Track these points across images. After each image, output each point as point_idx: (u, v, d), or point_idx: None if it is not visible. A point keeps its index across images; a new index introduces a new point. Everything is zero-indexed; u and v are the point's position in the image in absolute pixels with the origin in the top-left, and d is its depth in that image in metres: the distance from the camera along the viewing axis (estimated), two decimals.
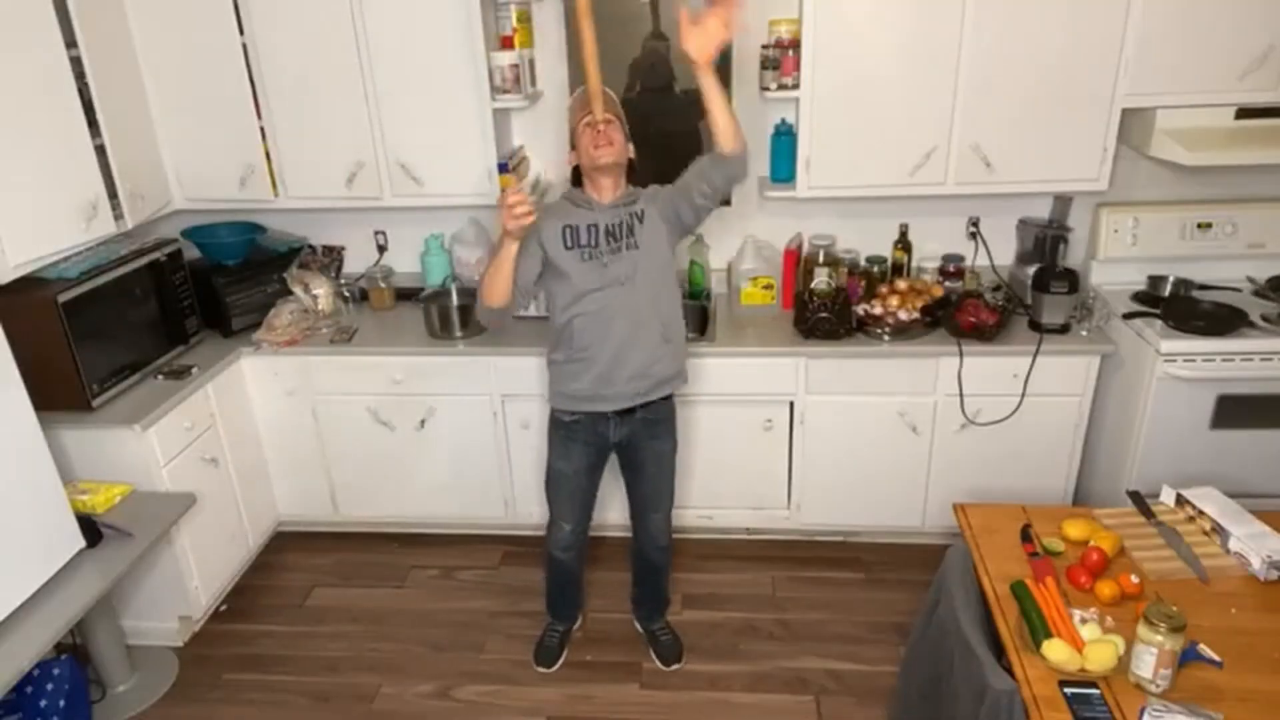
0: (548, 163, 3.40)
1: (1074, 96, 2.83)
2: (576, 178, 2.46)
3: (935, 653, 2.03)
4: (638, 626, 2.94)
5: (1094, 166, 2.92)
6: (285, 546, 3.49)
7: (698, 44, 2.12)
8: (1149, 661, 1.62)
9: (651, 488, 2.65)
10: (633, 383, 2.43)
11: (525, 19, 3.11)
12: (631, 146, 2.38)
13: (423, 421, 3.21)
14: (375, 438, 3.26)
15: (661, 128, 3.28)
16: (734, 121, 2.25)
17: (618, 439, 2.54)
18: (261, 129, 3.09)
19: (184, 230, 3.28)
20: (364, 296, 3.50)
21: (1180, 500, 2.18)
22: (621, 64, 3.20)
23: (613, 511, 3.16)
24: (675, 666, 2.80)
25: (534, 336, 3.08)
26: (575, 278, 2.35)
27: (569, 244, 2.35)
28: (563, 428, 2.55)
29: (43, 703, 2.37)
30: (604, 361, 2.40)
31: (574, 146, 2.37)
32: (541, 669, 2.82)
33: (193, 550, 2.92)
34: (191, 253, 3.22)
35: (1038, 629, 1.75)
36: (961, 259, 3.29)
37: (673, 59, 3.21)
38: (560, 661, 2.85)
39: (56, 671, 2.41)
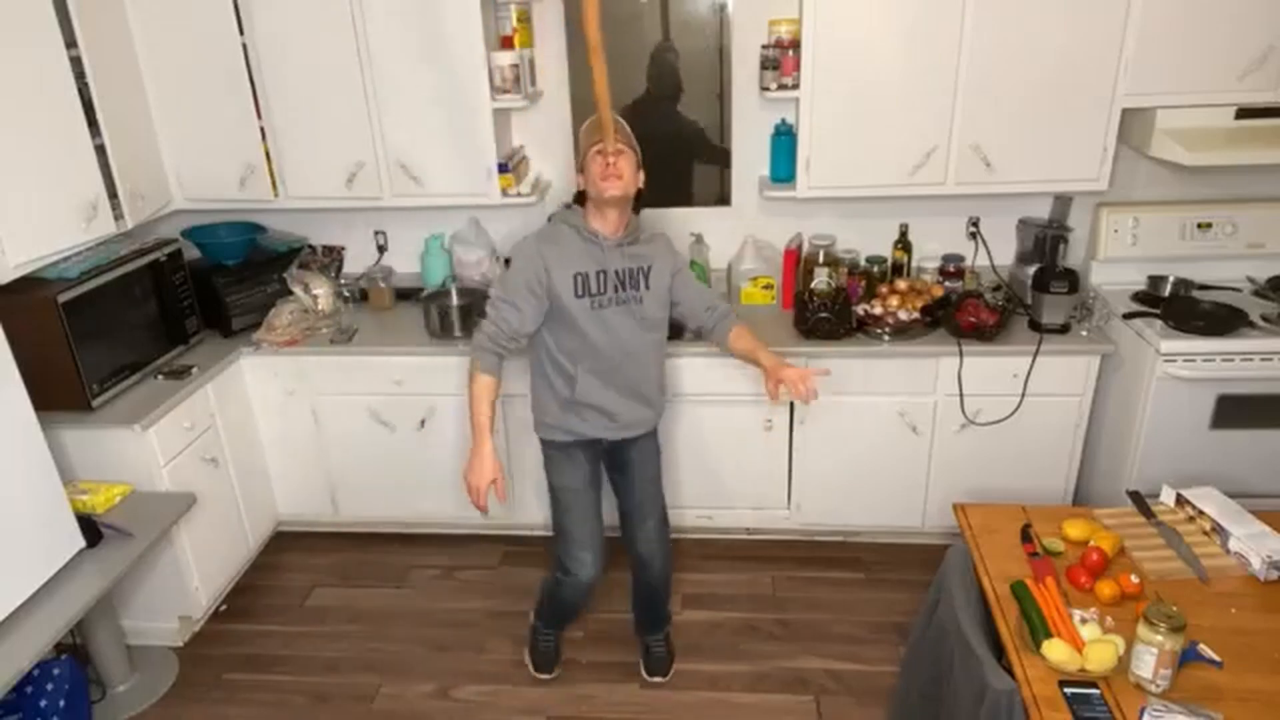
0: (548, 163, 3.40)
1: (1074, 96, 2.83)
2: (580, 197, 2.41)
3: (935, 653, 2.03)
4: (634, 633, 2.88)
5: (1094, 166, 2.92)
6: (285, 546, 3.49)
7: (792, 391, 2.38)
8: (1149, 661, 1.62)
9: (643, 491, 2.59)
10: (621, 431, 2.48)
11: (525, 19, 3.11)
12: (642, 175, 2.34)
13: (423, 421, 3.21)
14: (375, 438, 3.26)
15: (666, 132, 3.30)
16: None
17: (608, 446, 2.54)
18: (261, 129, 3.09)
19: (184, 230, 3.28)
20: (364, 296, 3.50)
21: (1180, 500, 2.18)
22: (630, 65, 3.21)
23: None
24: (658, 680, 2.75)
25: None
26: (584, 327, 2.32)
27: (579, 292, 2.30)
28: (557, 447, 2.51)
29: (43, 703, 2.36)
30: (600, 411, 2.42)
31: (581, 170, 2.32)
32: (542, 675, 2.78)
33: (193, 550, 2.92)
34: (191, 253, 3.22)
35: (1038, 629, 1.75)
36: (961, 259, 3.29)
37: (680, 69, 3.23)
38: (559, 664, 2.81)
39: (56, 671, 2.41)
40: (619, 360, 2.37)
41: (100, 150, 2.75)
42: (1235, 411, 2.83)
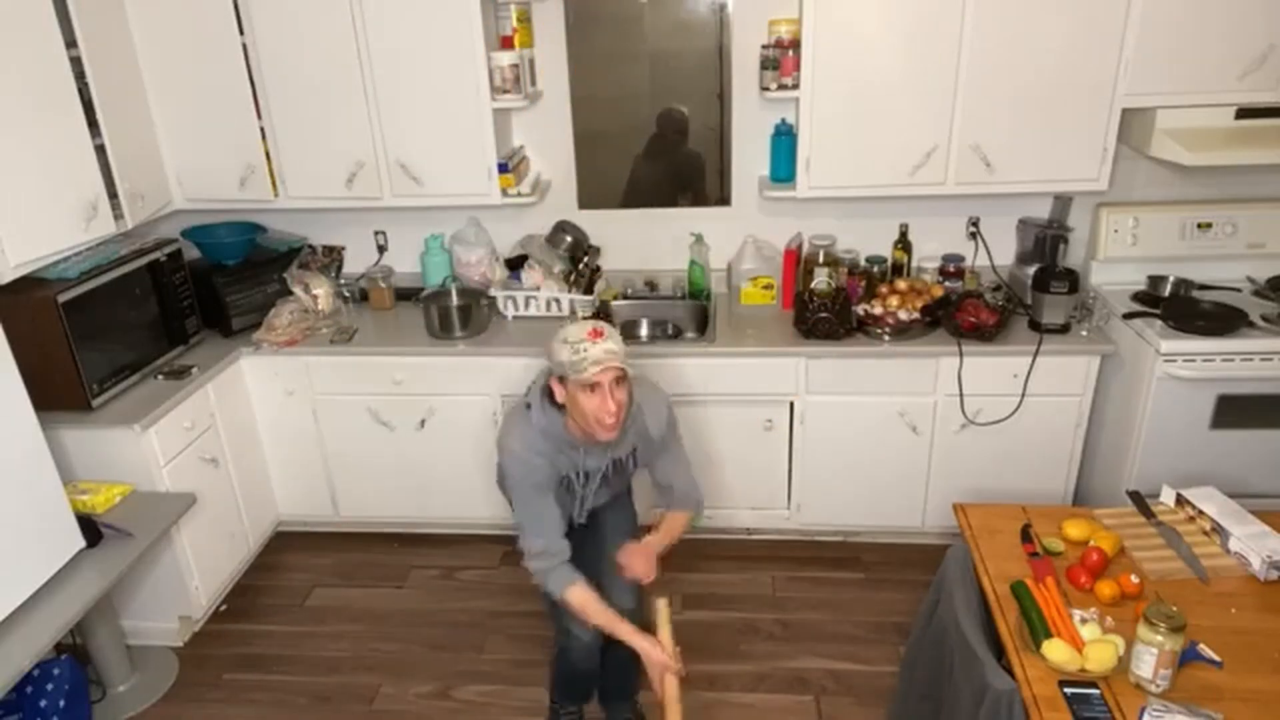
0: (548, 163, 3.40)
1: (1074, 96, 2.83)
2: (550, 394, 2.10)
3: (935, 653, 2.03)
4: (598, 701, 2.56)
5: (1094, 166, 2.92)
6: (285, 546, 3.49)
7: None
8: (1149, 661, 1.62)
9: (615, 549, 2.31)
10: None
11: (525, 19, 3.11)
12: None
13: (423, 421, 3.21)
14: (375, 438, 3.26)
15: (673, 155, 3.36)
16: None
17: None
18: (261, 129, 3.09)
19: (184, 230, 3.28)
20: (364, 296, 3.50)
21: (1180, 500, 2.18)
22: (630, 67, 3.23)
23: None
24: None
25: (534, 336, 3.08)
26: (567, 504, 2.26)
27: (565, 488, 2.22)
28: None
29: (43, 703, 2.37)
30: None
31: (562, 380, 2.01)
32: None
33: (193, 550, 2.92)
34: (191, 253, 3.22)
35: (1038, 629, 1.75)
36: (961, 259, 3.29)
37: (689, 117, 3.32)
38: None
39: (56, 671, 2.41)
40: (586, 533, 2.33)
41: (100, 150, 2.75)
42: (1235, 411, 2.83)
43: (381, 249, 3.61)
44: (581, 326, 1.99)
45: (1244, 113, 2.83)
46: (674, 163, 3.38)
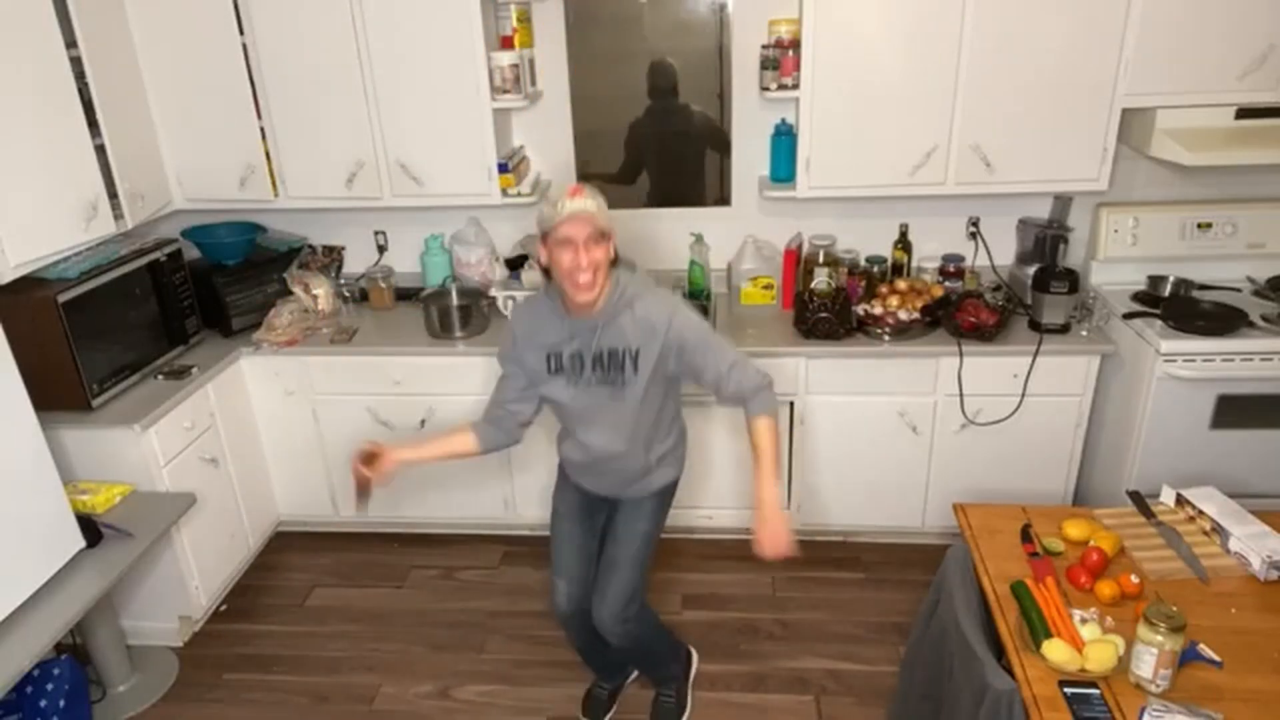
0: (548, 163, 3.40)
1: (1074, 96, 2.83)
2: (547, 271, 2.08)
3: (935, 653, 2.03)
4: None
5: (1094, 166, 2.92)
6: (285, 546, 3.49)
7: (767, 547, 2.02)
8: (1149, 661, 1.62)
9: (605, 565, 2.31)
10: (603, 492, 2.33)
11: (525, 19, 3.11)
12: (614, 245, 2.01)
13: (423, 421, 3.21)
14: (375, 438, 3.24)
15: (669, 131, 3.31)
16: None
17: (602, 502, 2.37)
18: (261, 129, 3.09)
19: (184, 230, 3.28)
20: (364, 296, 3.50)
21: (1180, 500, 2.18)
22: (628, 67, 3.23)
23: None
24: None
25: None
26: (568, 404, 2.16)
27: (552, 369, 2.12)
28: (561, 469, 2.41)
29: (43, 703, 2.37)
30: (589, 476, 2.30)
31: (544, 240, 1.99)
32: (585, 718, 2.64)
33: (193, 550, 2.92)
34: (191, 253, 3.22)
35: (1038, 629, 1.75)
36: (961, 259, 3.29)
37: (678, 75, 3.25)
38: (607, 714, 2.64)
39: (56, 671, 2.42)
40: (594, 437, 2.18)
41: (100, 150, 2.75)
42: (1235, 411, 2.83)
43: (381, 249, 3.61)
44: (565, 187, 1.98)
45: (1244, 113, 2.83)
46: (670, 123, 3.31)
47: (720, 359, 2.08)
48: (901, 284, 3.16)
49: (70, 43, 2.61)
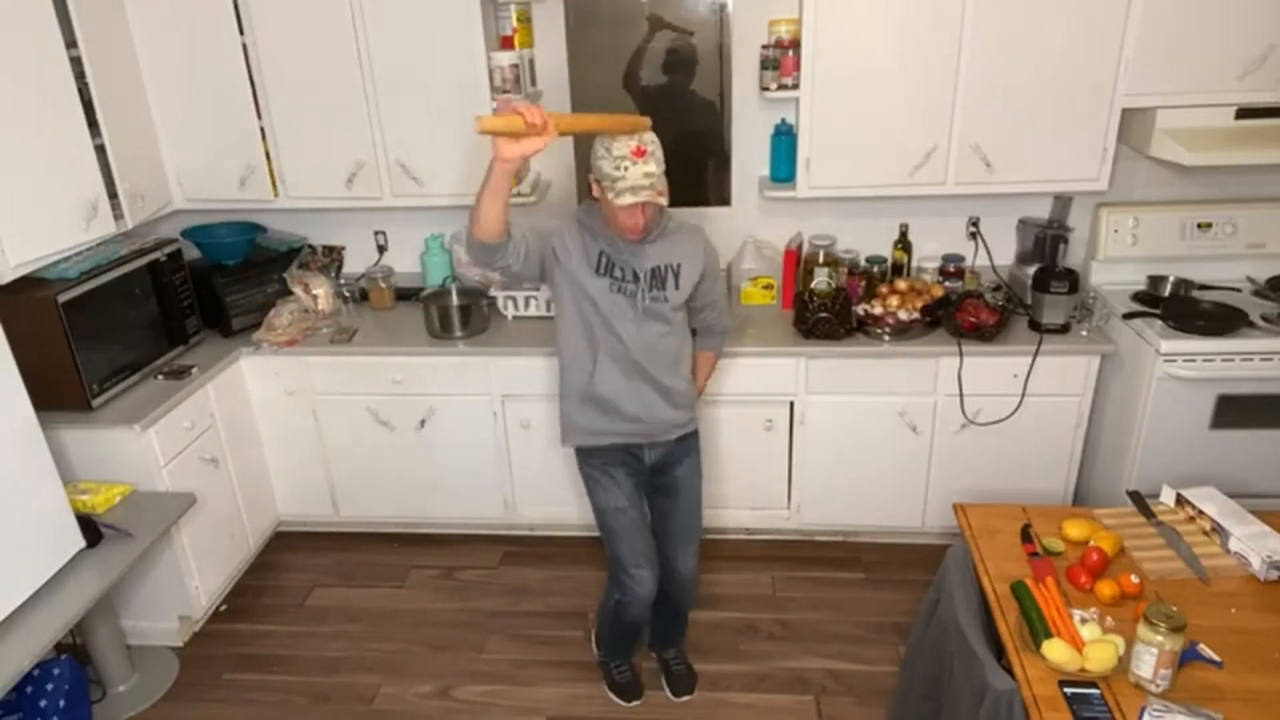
0: (548, 163, 3.40)
1: (1074, 96, 2.83)
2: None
3: (935, 653, 2.03)
4: (650, 651, 2.80)
5: (1094, 166, 2.92)
6: (285, 546, 3.49)
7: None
8: (1149, 661, 1.62)
9: (685, 518, 2.47)
10: (650, 435, 2.35)
11: (525, 19, 3.11)
12: (665, 188, 2.07)
13: (423, 421, 3.21)
14: (375, 438, 3.26)
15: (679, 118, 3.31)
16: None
17: (652, 461, 2.40)
18: (261, 129, 3.09)
19: (184, 230, 3.28)
20: (364, 296, 3.50)
21: (1180, 500, 2.18)
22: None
23: None
24: (685, 699, 2.67)
25: (534, 336, 3.08)
26: (605, 308, 2.19)
27: (601, 270, 2.17)
28: (598, 458, 2.38)
29: (43, 703, 2.37)
30: (619, 411, 2.29)
31: (598, 183, 2.08)
32: (631, 702, 2.67)
33: (193, 550, 2.92)
34: (191, 253, 3.22)
35: (1038, 629, 1.75)
36: (961, 259, 3.29)
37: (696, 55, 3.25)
38: (642, 686, 2.71)
39: (56, 671, 2.41)
40: (640, 354, 2.24)
41: (100, 150, 2.75)
42: (1235, 411, 2.82)
43: (381, 249, 3.61)
44: (626, 142, 2.01)
45: (1244, 113, 2.83)
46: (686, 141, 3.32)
47: (719, 290, 2.43)
48: (901, 284, 3.16)
49: (70, 43, 2.61)
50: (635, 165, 1.99)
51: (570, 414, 2.36)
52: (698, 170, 3.38)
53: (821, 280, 3.08)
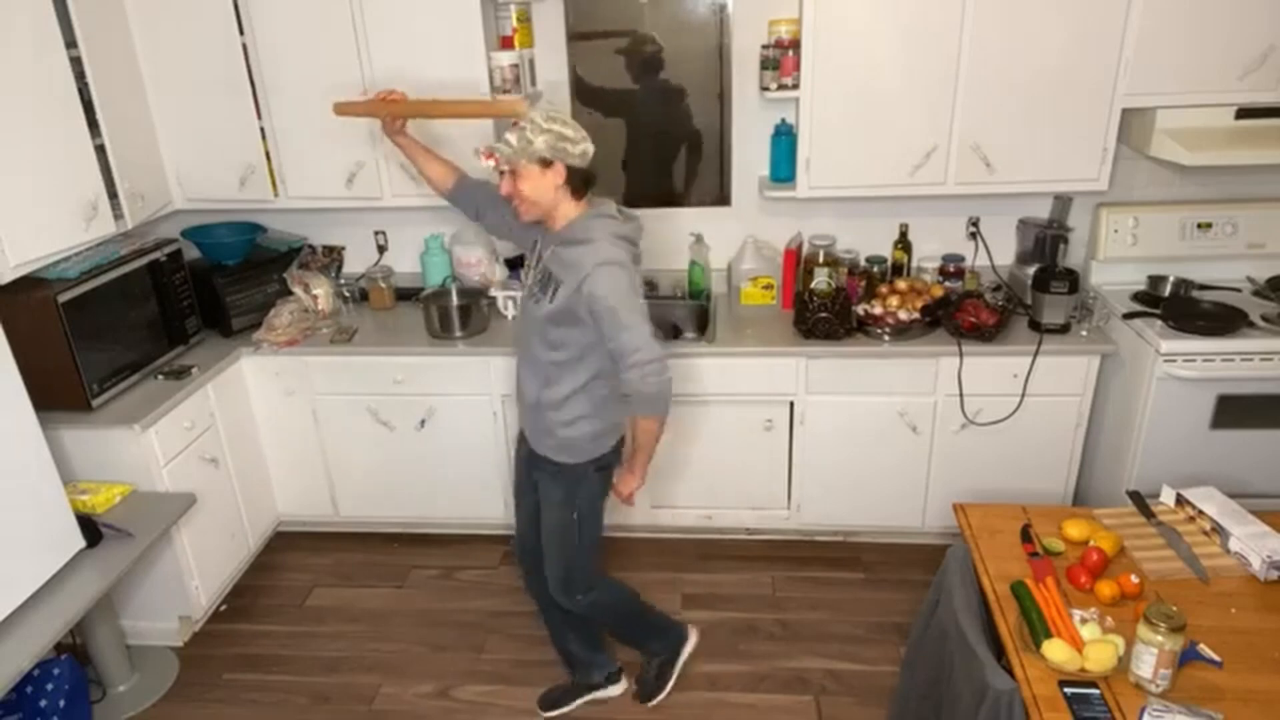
0: None
1: (1074, 96, 2.83)
2: None
3: (935, 653, 2.03)
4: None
5: (1094, 166, 2.92)
6: (285, 546, 3.49)
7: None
8: (1149, 661, 1.62)
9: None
10: (526, 423, 2.41)
11: (525, 19, 3.11)
12: (558, 168, 2.06)
13: (423, 421, 3.21)
14: (375, 438, 3.26)
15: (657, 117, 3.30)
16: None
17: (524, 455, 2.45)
18: (261, 129, 3.09)
19: (184, 230, 3.28)
20: (364, 296, 3.50)
21: (1180, 500, 2.18)
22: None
23: (620, 512, 3.16)
24: (650, 704, 2.65)
25: None
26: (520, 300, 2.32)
27: (530, 254, 2.28)
28: (607, 468, 2.33)
29: (43, 703, 2.37)
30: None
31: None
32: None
33: (193, 550, 2.92)
34: (191, 253, 3.22)
35: (1038, 629, 1.75)
36: (961, 259, 3.29)
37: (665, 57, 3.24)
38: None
39: (56, 671, 2.41)
40: (520, 350, 2.30)
41: (100, 150, 2.74)
42: (1235, 411, 2.83)
43: (381, 249, 3.61)
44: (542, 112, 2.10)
45: (1244, 113, 2.83)
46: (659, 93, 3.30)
47: (621, 339, 2.06)
48: (901, 284, 3.16)
49: (70, 43, 2.61)
50: (509, 132, 2.08)
51: (612, 414, 2.27)
52: (697, 170, 3.37)
53: (821, 280, 3.08)
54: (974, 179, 2.96)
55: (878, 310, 3.02)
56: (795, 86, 2.92)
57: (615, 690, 2.69)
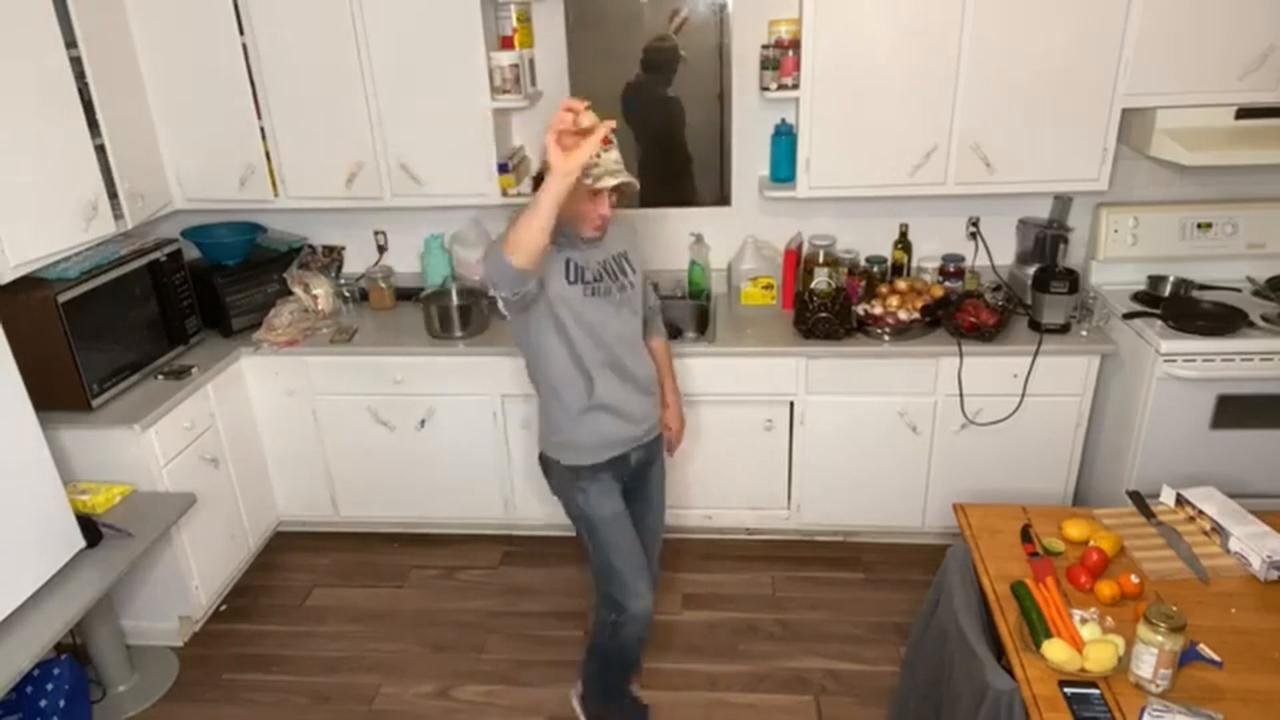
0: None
1: (1074, 96, 2.83)
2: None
3: (935, 653, 2.03)
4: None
5: (1094, 166, 2.92)
6: (285, 546, 3.49)
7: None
8: (1149, 661, 1.62)
9: (659, 517, 2.46)
10: (645, 431, 2.31)
11: (525, 19, 3.11)
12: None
13: (423, 421, 3.21)
14: (375, 438, 3.26)
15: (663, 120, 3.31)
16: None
17: (637, 463, 2.33)
18: (261, 129, 3.09)
19: (184, 230, 3.28)
20: (364, 296, 3.50)
21: (1180, 500, 2.18)
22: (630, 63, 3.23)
23: None
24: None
25: None
26: (588, 315, 2.12)
27: (571, 279, 2.10)
28: (587, 474, 2.24)
29: (43, 703, 2.36)
30: (618, 413, 2.22)
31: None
32: None
33: (193, 550, 2.92)
34: (191, 253, 3.22)
35: (1038, 629, 1.75)
36: (961, 259, 3.29)
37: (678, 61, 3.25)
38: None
39: (56, 671, 2.41)
40: (622, 351, 2.20)
41: (100, 150, 2.75)
42: (1235, 411, 2.82)
43: (381, 249, 3.61)
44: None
45: (1244, 113, 2.83)
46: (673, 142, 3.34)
47: (646, 281, 2.35)
48: (901, 284, 3.16)
49: (70, 43, 2.61)
50: (606, 152, 1.99)
51: (571, 433, 2.22)
52: (697, 170, 3.37)
53: (821, 280, 3.08)
54: (974, 179, 2.96)
55: (878, 310, 3.02)
56: (795, 86, 2.92)
57: None
